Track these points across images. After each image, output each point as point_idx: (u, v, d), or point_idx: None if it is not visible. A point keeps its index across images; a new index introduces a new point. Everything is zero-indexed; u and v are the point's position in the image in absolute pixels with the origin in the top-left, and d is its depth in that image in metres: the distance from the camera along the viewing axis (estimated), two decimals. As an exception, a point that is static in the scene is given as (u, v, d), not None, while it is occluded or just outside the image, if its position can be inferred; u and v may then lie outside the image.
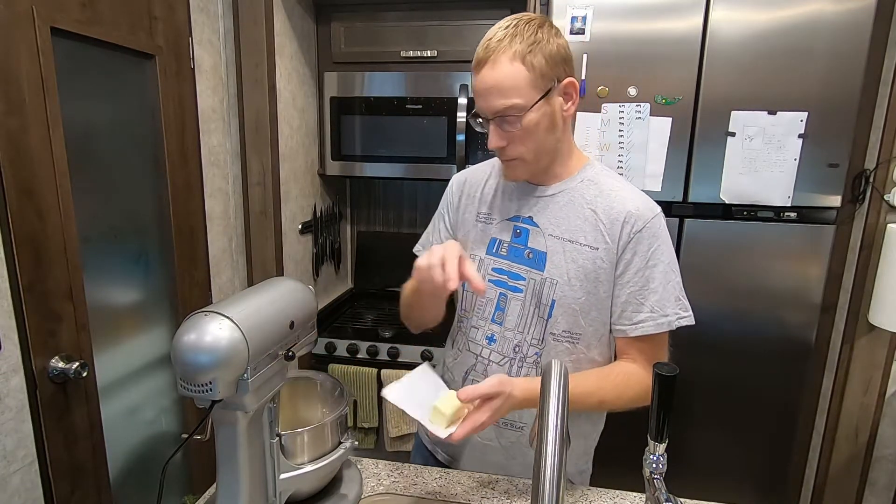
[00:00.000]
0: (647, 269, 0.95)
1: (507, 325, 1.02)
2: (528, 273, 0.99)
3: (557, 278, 0.97)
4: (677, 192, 1.60)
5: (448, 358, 1.15)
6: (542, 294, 0.98)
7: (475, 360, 1.06)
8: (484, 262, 1.04)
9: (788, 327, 1.62)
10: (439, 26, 1.99)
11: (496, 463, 1.09)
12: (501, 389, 0.85)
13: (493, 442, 1.08)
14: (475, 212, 1.08)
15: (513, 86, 0.88)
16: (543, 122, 0.92)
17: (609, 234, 0.95)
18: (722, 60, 1.51)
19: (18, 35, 1.10)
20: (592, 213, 0.97)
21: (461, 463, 1.13)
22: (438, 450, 1.17)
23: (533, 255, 0.99)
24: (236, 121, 1.82)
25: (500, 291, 1.02)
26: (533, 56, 0.88)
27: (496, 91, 0.89)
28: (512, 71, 0.88)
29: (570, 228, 0.97)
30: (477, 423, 0.84)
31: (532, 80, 0.89)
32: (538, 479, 0.58)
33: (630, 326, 0.97)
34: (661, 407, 0.74)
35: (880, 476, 1.84)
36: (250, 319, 0.73)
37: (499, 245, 1.03)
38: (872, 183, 1.69)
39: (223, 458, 0.78)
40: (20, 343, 1.13)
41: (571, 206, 0.99)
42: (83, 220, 1.28)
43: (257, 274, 1.92)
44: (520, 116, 0.90)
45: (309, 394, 1.03)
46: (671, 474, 0.79)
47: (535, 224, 1.00)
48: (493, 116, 0.92)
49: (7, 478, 1.12)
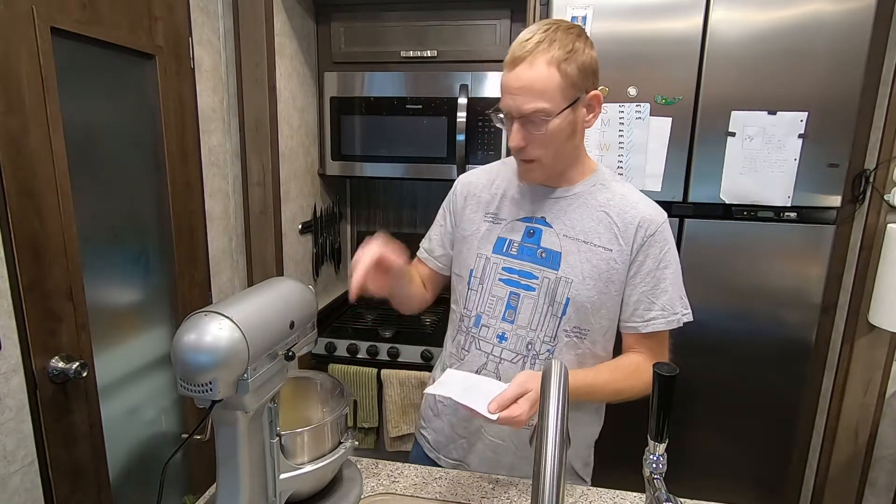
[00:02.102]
0: (658, 270, 1.00)
1: (520, 322, 1.03)
2: (542, 272, 1.02)
3: (572, 277, 1.00)
4: (677, 192, 1.60)
5: (451, 360, 1.14)
6: (556, 292, 1.01)
7: (486, 358, 1.06)
8: (490, 261, 1.06)
9: (788, 327, 1.62)
10: (439, 26, 1.99)
11: (508, 464, 1.09)
12: (527, 386, 0.87)
13: (506, 442, 1.08)
14: (482, 212, 1.09)
15: (545, 89, 0.90)
16: (566, 129, 0.94)
17: (623, 237, 0.99)
18: (722, 60, 1.51)
19: (18, 35, 1.10)
20: (606, 216, 1.01)
21: (472, 467, 1.12)
22: (442, 457, 1.16)
23: (546, 254, 1.02)
24: (236, 121, 1.82)
25: (510, 290, 1.04)
26: (568, 64, 0.90)
27: (528, 91, 0.91)
28: (547, 75, 0.90)
29: (584, 230, 1.01)
30: (513, 414, 0.85)
31: (563, 87, 0.91)
32: (538, 479, 0.58)
33: (642, 324, 1.02)
34: (661, 407, 0.75)
35: (880, 476, 1.84)
36: (250, 319, 0.73)
37: (509, 245, 1.05)
38: (872, 183, 1.69)
39: (223, 458, 0.78)
40: (20, 343, 1.13)
41: (585, 208, 1.02)
42: (83, 220, 1.28)
43: (257, 274, 1.92)
44: (546, 121, 0.92)
45: (309, 394, 1.03)
46: (671, 474, 0.79)
47: (549, 224, 1.03)
48: (518, 116, 0.93)
49: (7, 478, 1.12)
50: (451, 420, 1.13)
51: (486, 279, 1.06)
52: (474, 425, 1.09)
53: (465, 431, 1.11)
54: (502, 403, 0.86)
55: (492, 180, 1.11)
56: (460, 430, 1.12)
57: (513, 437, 1.07)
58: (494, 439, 1.08)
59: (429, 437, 1.19)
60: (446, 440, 1.14)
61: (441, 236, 1.17)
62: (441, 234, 1.17)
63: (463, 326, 1.10)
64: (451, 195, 1.17)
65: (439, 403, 1.15)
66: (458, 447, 1.13)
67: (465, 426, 1.11)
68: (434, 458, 1.17)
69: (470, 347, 1.08)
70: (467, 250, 1.09)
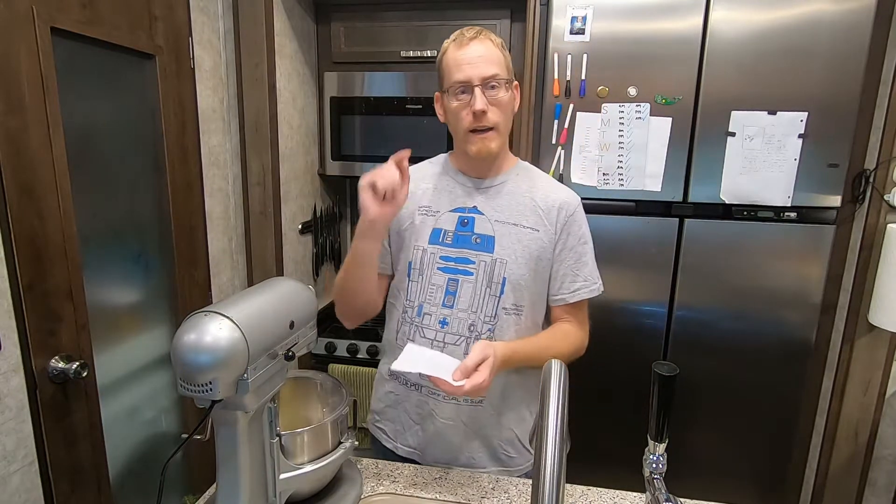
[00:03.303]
0: (579, 245, 1.13)
1: (460, 306, 1.10)
2: (478, 256, 1.09)
3: (506, 258, 1.09)
4: (677, 192, 1.60)
5: (395, 351, 1.14)
6: (493, 273, 1.09)
7: (430, 345, 1.11)
8: (427, 252, 1.12)
9: (788, 327, 1.62)
10: (439, 26, 1.99)
11: (458, 445, 1.13)
12: (486, 352, 0.95)
13: (455, 421, 1.12)
14: (415, 205, 1.14)
15: (498, 60, 1.04)
16: (511, 103, 1.08)
17: (547, 218, 1.11)
18: (722, 60, 1.51)
19: (18, 35, 1.10)
20: (531, 201, 1.11)
21: (426, 451, 1.16)
22: (399, 445, 1.19)
23: (481, 239, 1.10)
24: (236, 121, 1.82)
25: (448, 277, 1.10)
26: (503, 50, 1.07)
27: (486, 60, 1.02)
28: (496, 50, 1.05)
29: (513, 214, 1.10)
30: (477, 381, 0.92)
31: (507, 65, 1.06)
32: (538, 479, 0.59)
33: (569, 294, 1.13)
34: (661, 407, 0.75)
35: (880, 476, 1.84)
36: (250, 319, 0.73)
37: (443, 235, 1.11)
38: (872, 183, 1.69)
39: (223, 458, 0.78)
40: (20, 343, 1.13)
41: (512, 195, 1.12)
42: (83, 220, 1.28)
43: (257, 274, 1.92)
44: (503, 84, 1.04)
45: (309, 394, 1.04)
46: (671, 474, 0.80)
47: (481, 212, 1.11)
48: (480, 83, 1.02)
49: (7, 478, 1.12)
50: (406, 407, 1.17)
51: (426, 269, 1.12)
52: (426, 410, 1.14)
53: (418, 417, 1.16)
54: (466, 371, 0.92)
55: (422, 176, 1.16)
56: (414, 416, 1.16)
57: (461, 416, 1.12)
58: (446, 421, 1.13)
59: (386, 427, 1.21)
60: (403, 428, 1.18)
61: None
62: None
63: (407, 317, 1.14)
64: None
65: (391, 394, 1.19)
66: (413, 433, 1.17)
67: (419, 412, 1.15)
68: (392, 448, 1.20)
69: (414, 336, 1.13)
70: (405, 244, 1.14)
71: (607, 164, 1.61)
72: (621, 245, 1.65)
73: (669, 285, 1.65)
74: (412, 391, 1.15)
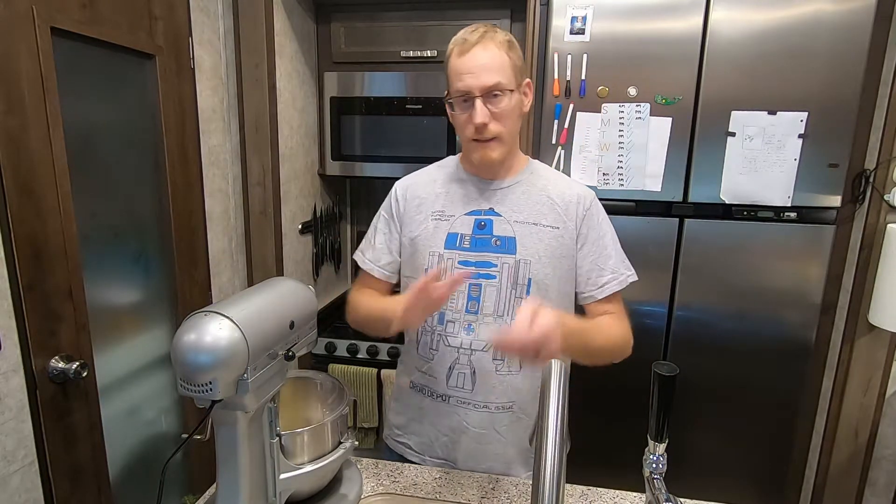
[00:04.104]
0: (600, 238, 1.10)
1: (485, 311, 1.07)
2: (500, 259, 1.07)
3: (530, 258, 1.06)
4: (677, 192, 1.60)
5: (419, 362, 1.14)
6: (518, 275, 1.06)
7: (457, 353, 1.08)
8: (443, 257, 1.09)
9: (788, 327, 1.62)
10: (439, 26, 1.99)
11: (493, 453, 1.10)
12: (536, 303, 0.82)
13: (488, 430, 1.09)
14: (428, 211, 1.11)
15: (501, 67, 0.99)
16: (517, 108, 1.04)
17: (566, 214, 1.08)
18: (722, 60, 1.51)
19: (18, 35, 1.10)
20: (548, 199, 1.09)
21: (459, 462, 1.13)
22: (427, 458, 1.16)
23: (501, 241, 1.07)
24: (236, 121, 1.82)
25: (470, 283, 1.08)
26: (511, 50, 1.01)
27: (487, 68, 0.98)
28: (500, 54, 0.99)
29: (532, 213, 1.08)
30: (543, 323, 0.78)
31: (513, 68, 1.01)
32: (538, 479, 0.58)
33: (598, 290, 1.09)
34: (661, 407, 0.75)
35: (880, 476, 1.84)
36: (250, 319, 0.73)
37: (460, 239, 1.09)
38: (872, 183, 1.69)
39: (223, 458, 0.78)
40: (20, 343, 1.13)
41: (528, 194, 1.09)
42: (83, 220, 1.28)
43: (257, 274, 1.92)
44: (505, 94, 1.00)
45: (309, 394, 1.04)
46: (671, 474, 0.79)
47: (498, 214, 1.08)
48: (481, 93, 0.99)
49: (7, 478, 1.12)
50: (433, 420, 1.14)
51: (443, 275, 1.06)
52: (455, 420, 1.11)
53: (447, 429, 1.12)
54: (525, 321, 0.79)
55: (432, 180, 1.14)
56: (443, 428, 1.13)
57: (494, 424, 1.10)
58: (477, 430, 1.10)
59: (411, 441, 1.18)
60: (430, 440, 1.15)
61: (386, 243, 1.16)
62: (386, 240, 1.16)
63: (427, 327, 1.10)
64: (390, 201, 1.17)
65: (415, 407, 1.16)
66: (441, 445, 1.14)
67: (448, 423, 1.12)
68: (419, 462, 1.17)
69: (438, 346, 1.09)
70: (418, 251, 1.11)
71: (607, 164, 1.61)
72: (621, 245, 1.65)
73: (669, 285, 1.65)
74: (440, 402, 1.12)
